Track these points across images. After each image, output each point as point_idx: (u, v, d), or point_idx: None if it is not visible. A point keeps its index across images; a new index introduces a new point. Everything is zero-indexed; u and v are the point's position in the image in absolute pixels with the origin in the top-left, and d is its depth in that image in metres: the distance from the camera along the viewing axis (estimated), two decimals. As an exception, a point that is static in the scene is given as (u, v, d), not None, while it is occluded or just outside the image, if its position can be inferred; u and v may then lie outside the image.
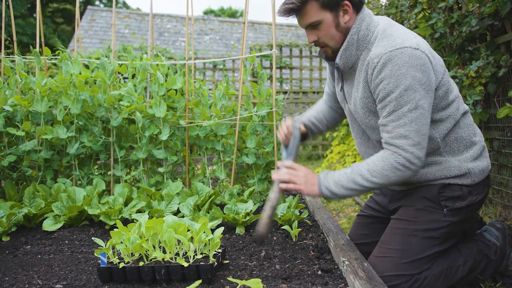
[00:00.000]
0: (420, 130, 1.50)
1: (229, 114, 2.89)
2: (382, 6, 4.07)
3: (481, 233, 1.84)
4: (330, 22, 1.60)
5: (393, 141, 1.53)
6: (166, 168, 2.82)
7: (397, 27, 1.61)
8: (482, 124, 2.77)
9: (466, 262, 1.70)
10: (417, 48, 1.49)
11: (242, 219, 2.23)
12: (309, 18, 1.61)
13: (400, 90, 1.47)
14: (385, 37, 1.56)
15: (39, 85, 2.71)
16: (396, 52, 1.48)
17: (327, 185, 1.63)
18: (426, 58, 1.50)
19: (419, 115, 1.49)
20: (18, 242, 2.13)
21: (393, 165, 1.53)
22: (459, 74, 2.59)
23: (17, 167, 2.75)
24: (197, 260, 1.57)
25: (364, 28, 1.61)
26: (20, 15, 16.66)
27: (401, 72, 1.47)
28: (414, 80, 1.46)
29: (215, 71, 7.79)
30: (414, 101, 1.47)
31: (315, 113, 2.07)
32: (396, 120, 1.51)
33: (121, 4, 23.80)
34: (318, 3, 1.58)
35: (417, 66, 1.47)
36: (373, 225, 1.97)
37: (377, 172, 1.56)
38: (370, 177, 1.56)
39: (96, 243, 2.08)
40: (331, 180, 1.63)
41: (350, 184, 1.59)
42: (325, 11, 1.59)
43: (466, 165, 1.64)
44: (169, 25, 13.84)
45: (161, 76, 2.81)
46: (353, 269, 1.50)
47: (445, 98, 1.61)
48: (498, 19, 2.48)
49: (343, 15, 1.61)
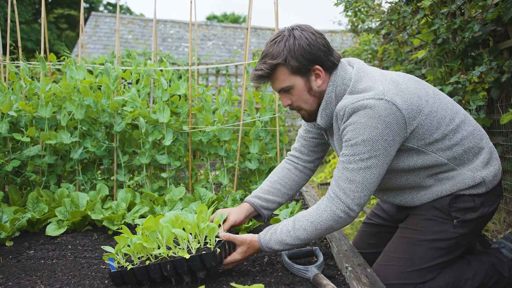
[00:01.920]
0: (367, 179, 1.47)
1: (232, 119, 2.90)
2: (384, 12, 4.08)
3: (498, 248, 1.77)
4: (302, 87, 1.59)
5: (339, 181, 1.51)
6: (169, 173, 2.83)
7: (365, 76, 1.57)
8: (486, 129, 2.76)
9: (476, 276, 1.65)
10: (381, 98, 1.45)
11: (245, 225, 2.23)
12: (280, 83, 1.60)
13: (357, 139, 1.47)
14: (352, 91, 1.55)
15: (44, 91, 2.73)
16: (358, 104, 1.47)
17: (271, 246, 1.60)
18: (392, 107, 1.45)
19: (370, 165, 1.47)
20: (22, 247, 2.13)
21: (335, 213, 1.51)
22: (462, 80, 2.59)
23: (21, 172, 2.76)
24: (199, 249, 1.57)
25: (340, 84, 1.59)
26: (24, 21, 16.80)
27: (361, 122, 1.45)
28: (374, 132, 1.44)
29: (218, 76, 7.82)
30: (369, 153, 1.46)
31: (268, 186, 1.91)
32: (347, 163, 1.50)
33: (124, 10, 23.96)
34: (287, 69, 1.56)
35: (379, 117, 1.44)
36: (380, 234, 1.93)
37: (321, 224, 1.53)
38: (314, 230, 1.54)
39: (99, 249, 2.09)
40: (274, 241, 1.60)
41: (295, 241, 1.57)
42: (296, 76, 1.57)
43: (480, 174, 1.59)
44: (172, 31, 13.92)
45: (165, 82, 2.83)
46: (356, 275, 1.50)
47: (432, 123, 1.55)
48: (501, 25, 2.49)
49: (315, 79, 1.60)
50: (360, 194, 1.48)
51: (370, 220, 2.01)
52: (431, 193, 1.63)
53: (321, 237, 1.61)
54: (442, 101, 1.62)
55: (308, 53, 1.54)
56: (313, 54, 1.54)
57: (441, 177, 1.61)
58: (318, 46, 1.55)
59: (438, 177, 1.61)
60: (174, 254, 1.57)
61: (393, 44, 4.24)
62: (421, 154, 1.56)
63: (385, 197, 1.76)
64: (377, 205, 2.02)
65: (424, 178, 1.62)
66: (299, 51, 1.53)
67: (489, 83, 2.50)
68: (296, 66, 1.55)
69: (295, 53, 1.53)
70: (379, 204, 2.02)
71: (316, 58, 1.55)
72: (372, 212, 2.04)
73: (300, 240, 1.58)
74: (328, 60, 1.58)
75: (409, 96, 1.52)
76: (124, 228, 1.67)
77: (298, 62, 1.54)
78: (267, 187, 1.90)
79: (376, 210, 2.01)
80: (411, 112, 1.49)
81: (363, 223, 2.05)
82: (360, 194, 1.48)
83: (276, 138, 2.82)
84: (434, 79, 3.18)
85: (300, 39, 1.54)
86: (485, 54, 2.55)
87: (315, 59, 1.55)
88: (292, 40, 1.54)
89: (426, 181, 1.62)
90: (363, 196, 1.49)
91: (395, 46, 4.19)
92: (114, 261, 1.62)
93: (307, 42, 1.54)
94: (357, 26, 5.42)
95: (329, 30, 14.72)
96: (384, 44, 4.70)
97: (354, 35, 5.66)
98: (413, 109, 1.50)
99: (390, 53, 4.34)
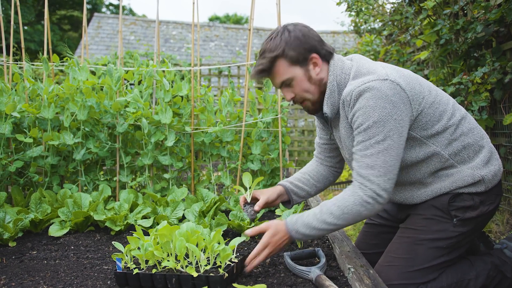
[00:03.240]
0: (387, 161, 1.49)
1: (235, 120, 2.90)
2: (387, 12, 4.08)
3: (501, 249, 1.78)
4: (302, 76, 1.64)
5: (360, 170, 1.52)
6: (171, 174, 2.83)
7: (366, 63, 1.63)
8: (488, 130, 2.75)
9: (478, 277, 1.65)
10: (385, 79, 1.50)
11: (248, 226, 2.23)
12: (281, 76, 1.65)
13: (369, 122, 1.49)
14: (355, 76, 1.60)
15: (47, 92, 2.74)
16: (364, 86, 1.51)
17: (298, 229, 1.60)
18: (396, 87, 1.50)
19: (387, 147, 1.48)
20: (25, 247, 2.14)
21: (362, 198, 1.50)
22: (464, 80, 2.59)
23: (24, 172, 2.77)
24: (208, 270, 1.55)
25: (339, 73, 1.64)
26: (28, 22, 16.86)
27: (369, 105, 1.49)
28: (383, 112, 1.48)
29: (220, 77, 7.82)
30: (383, 133, 1.48)
31: (299, 175, 1.98)
32: (364, 150, 1.51)
33: (127, 11, 24.02)
34: (287, 60, 1.62)
35: (386, 97, 1.48)
36: (382, 234, 1.94)
37: (348, 208, 1.52)
38: (341, 214, 1.54)
39: (102, 249, 2.09)
40: (300, 223, 1.60)
41: (321, 224, 1.56)
42: (295, 67, 1.63)
43: (479, 172, 1.61)
44: (175, 32, 13.95)
45: (167, 83, 2.83)
46: (358, 276, 1.50)
47: (434, 114, 1.59)
48: (504, 25, 2.48)
49: (313, 68, 1.65)
50: (384, 178, 1.49)
51: (372, 220, 2.02)
52: (430, 191, 1.65)
53: (348, 224, 1.57)
54: (444, 96, 1.67)
55: (304, 42, 1.61)
56: (308, 43, 1.62)
57: (441, 174, 1.63)
58: (312, 36, 1.64)
59: (438, 174, 1.63)
60: (181, 269, 1.56)
61: (395, 45, 4.24)
62: (423, 146, 1.60)
63: None
64: None
65: (425, 174, 1.64)
66: (295, 41, 1.61)
67: (492, 84, 2.49)
68: (295, 56, 1.61)
69: (292, 44, 1.60)
70: None
71: (311, 46, 1.62)
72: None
73: (327, 224, 1.56)
74: (323, 49, 1.65)
75: (411, 80, 1.58)
76: (138, 230, 1.67)
77: (296, 51, 1.61)
78: (298, 176, 1.97)
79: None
80: (414, 95, 1.55)
81: (365, 224, 2.06)
82: (384, 178, 1.49)
83: (278, 139, 2.82)
84: (436, 80, 3.17)
85: (294, 32, 1.62)
86: (488, 55, 2.55)
87: (311, 47, 1.62)
88: (287, 33, 1.62)
89: (426, 177, 1.64)
90: (387, 180, 1.49)
91: (397, 47, 4.18)
92: (122, 261, 1.62)
93: (301, 33, 1.62)
94: (359, 27, 5.42)
95: (331, 31, 14.71)
96: (387, 45, 4.69)
97: (357, 36, 5.65)
98: (416, 93, 1.56)
99: (393, 54, 4.33)
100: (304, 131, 7.52)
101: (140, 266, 1.62)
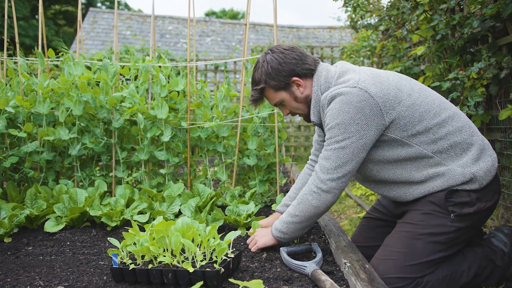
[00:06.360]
0: (340, 157, 1.64)
1: (231, 115, 2.90)
2: (383, 7, 4.07)
3: (488, 238, 1.81)
4: (288, 98, 1.84)
5: (319, 161, 1.71)
6: (167, 169, 2.83)
7: (346, 70, 1.76)
8: (484, 125, 2.76)
9: (471, 267, 1.68)
10: (355, 86, 1.63)
11: (244, 221, 2.23)
12: (271, 100, 1.89)
13: (333, 123, 1.65)
14: (336, 82, 1.75)
15: (42, 87, 2.72)
16: (335, 92, 1.66)
17: (276, 226, 1.85)
18: (364, 94, 1.61)
19: (344, 146, 1.63)
20: (20, 243, 2.13)
21: (309, 187, 1.72)
22: (460, 76, 2.59)
23: (19, 168, 2.76)
24: (204, 266, 1.56)
25: (323, 82, 1.78)
26: (22, 17, 16.72)
27: (336, 108, 1.64)
28: (347, 116, 1.61)
29: (216, 72, 7.80)
30: (343, 134, 1.63)
31: (292, 193, 2.11)
32: (326, 145, 1.69)
33: (122, 6, 23.86)
34: (271, 89, 1.83)
35: (351, 103, 1.61)
36: (379, 228, 1.96)
37: (301, 197, 1.75)
38: (297, 205, 1.76)
39: (98, 245, 2.09)
40: (278, 221, 1.85)
41: (288, 217, 1.79)
42: (280, 92, 1.83)
43: (470, 170, 1.63)
44: (171, 27, 13.87)
45: (163, 78, 2.82)
46: (354, 271, 1.50)
47: (413, 116, 1.64)
48: (500, 21, 2.48)
49: (297, 88, 1.83)
50: (333, 170, 1.65)
51: (370, 214, 2.05)
52: (423, 189, 1.68)
53: (307, 216, 1.74)
54: (429, 97, 1.72)
55: (281, 70, 1.79)
56: (286, 70, 1.79)
57: (431, 172, 1.66)
58: (289, 61, 1.79)
59: (428, 172, 1.66)
60: (178, 264, 1.56)
61: (391, 40, 4.23)
62: (405, 146, 1.66)
63: (379, 191, 1.81)
64: (377, 201, 2.07)
65: (412, 172, 1.68)
66: (273, 71, 1.79)
67: (488, 79, 2.50)
68: (276, 84, 1.81)
69: (271, 75, 1.80)
70: (379, 200, 2.06)
71: (290, 71, 1.79)
72: (372, 207, 2.08)
73: (292, 216, 1.78)
74: (303, 69, 1.80)
75: (387, 87, 1.66)
76: (134, 225, 1.67)
77: (276, 80, 1.80)
78: (293, 194, 2.11)
79: (376, 205, 2.06)
80: (387, 101, 1.63)
81: (363, 218, 2.08)
82: (334, 171, 1.65)
83: (274, 134, 2.82)
84: (433, 75, 3.17)
85: (272, 62, 1.80)
86: (484, 50, 2.55)
87: (290, 72, 1.79)
88: (266, 65, 1.81)
89: (415, 176, 1.67)
90: (336, 173, 1.65)
91: (393, 42, 4.18)
92: (118, 257, 1.62)
93: (277, 62, 1.79)
94: (356, 22, 5.40)
95: (328, 26, 14.68)
96: (383, 40, 4.68)
97: (353, 31, 5.64)
98: (390, 99, 1.64)
99: (389, 49, 4.33)
100: (301, 126, 7.53)
101: (136, 261, 1.62)
